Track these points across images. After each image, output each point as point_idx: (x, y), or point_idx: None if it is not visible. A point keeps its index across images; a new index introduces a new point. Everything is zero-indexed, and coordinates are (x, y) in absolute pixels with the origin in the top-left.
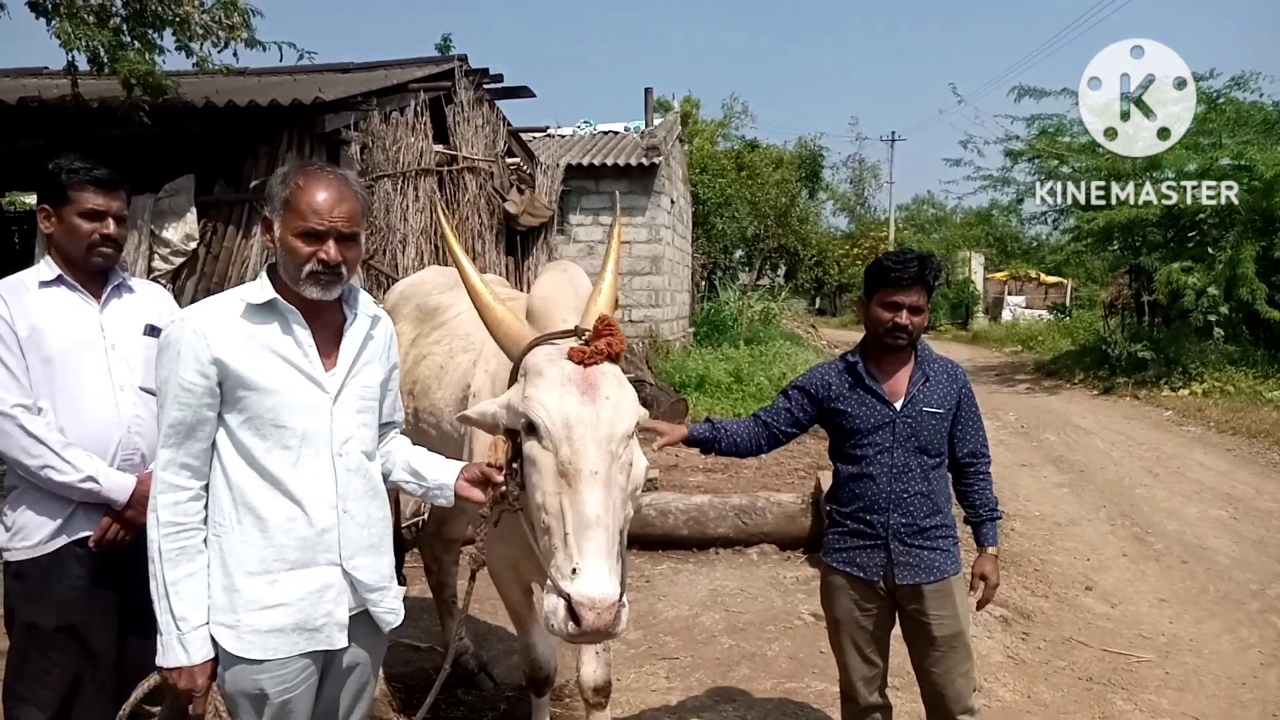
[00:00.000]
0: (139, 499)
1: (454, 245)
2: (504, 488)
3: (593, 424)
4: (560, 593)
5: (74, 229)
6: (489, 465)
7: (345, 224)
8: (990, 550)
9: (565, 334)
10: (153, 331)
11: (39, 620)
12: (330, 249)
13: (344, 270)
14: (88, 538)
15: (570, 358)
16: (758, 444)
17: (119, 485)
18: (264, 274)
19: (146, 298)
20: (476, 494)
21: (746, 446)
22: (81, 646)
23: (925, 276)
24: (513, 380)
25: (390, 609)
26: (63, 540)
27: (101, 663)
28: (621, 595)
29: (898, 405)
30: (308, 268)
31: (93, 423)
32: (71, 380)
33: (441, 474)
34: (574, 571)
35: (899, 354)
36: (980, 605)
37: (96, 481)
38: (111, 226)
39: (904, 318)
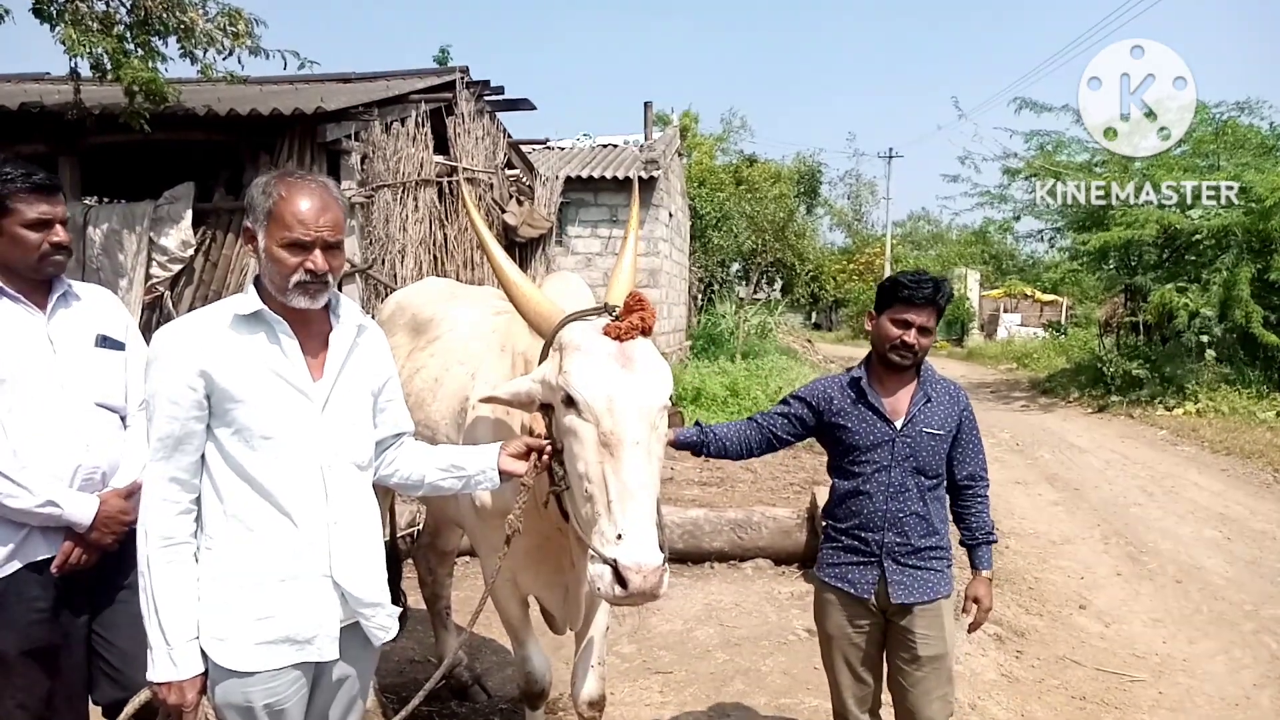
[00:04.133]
0: (101, 520)
1: (480, 225)
2: (548, 455)
3: (632, 396)
4: (605, 559)
5: (20, 240)
6: (530, 436)
7: (330, 233)
8: (984, 573)
9: (596, 311)
10: (105, 342)
11: (2, 646)
12: (317, 258)
13: (330, 278)
14: (46, 561)
15: (606, 333)
16: (747, 446)
17: (81, 507)
18: (250, 285)
19: (96, 306)
20: (520, 467)
21: (735, 449)
22: (52, 666)
23: (938, 299)
24: (543, 357)
25: (381, 623)
26: (16, 565)
27: (72, 678)
28: (663, 560)
29: (898, 424)
30: (295, 278)
31: (48, 443)
32: (22, 399)
33: (481, 459)
34: (619, 537)
35: (902, 373)
36: (972, 629)
37: (57, 505)
38: (60, 233)
39: (912, 336)
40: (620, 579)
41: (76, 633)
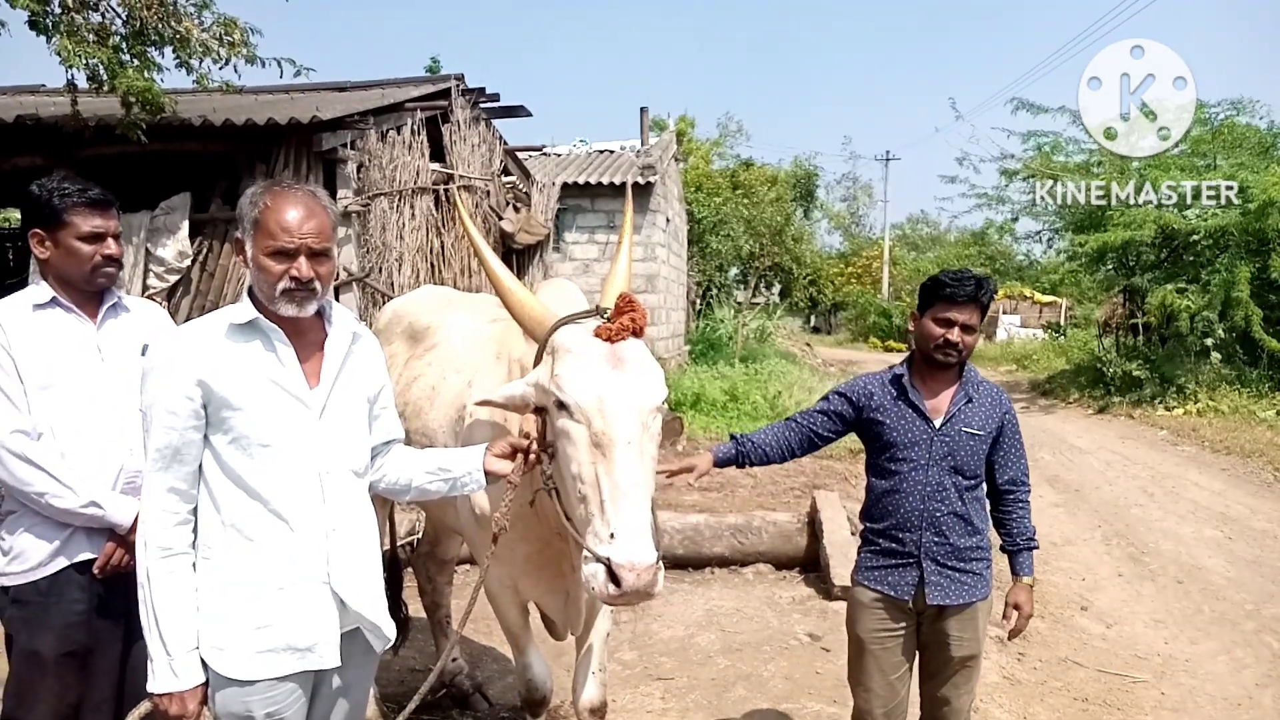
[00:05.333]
0: None
1: (473, 231)
2: (537, 458)
3: (624, 396)
4: (599, 558)
5: (75, 252)
6: (518, 437)
7: (315, 240)
8: (1026, 579)
9: (588, 314)
10: None
11: (40, 647)
12: (301, 265)
13: (317, 286)
14: (88, 561)
15: (597, 335)
16: (789, 448)
17: (122, 509)
18: (245, 294)
19: (143, 317)
20: (505, 466)
21: (777, 453)
22: (84, 670)
23: (980, 296)
24: (538, 361)
25: (380, 629)
26: (61, 563)
27: (102, 683)
28: (658, 558)
29: (937, 423)
30: (281, 285)
31: (94, 446)
32: (71, 404)
33: (467, 461)
34: (612, 536)
35: (945, 372)
36: (1012, 635)
37: (99, 506)
38: (113, 246)
39: (955, 335)
40: (614, 578)
41: (111, 640)
